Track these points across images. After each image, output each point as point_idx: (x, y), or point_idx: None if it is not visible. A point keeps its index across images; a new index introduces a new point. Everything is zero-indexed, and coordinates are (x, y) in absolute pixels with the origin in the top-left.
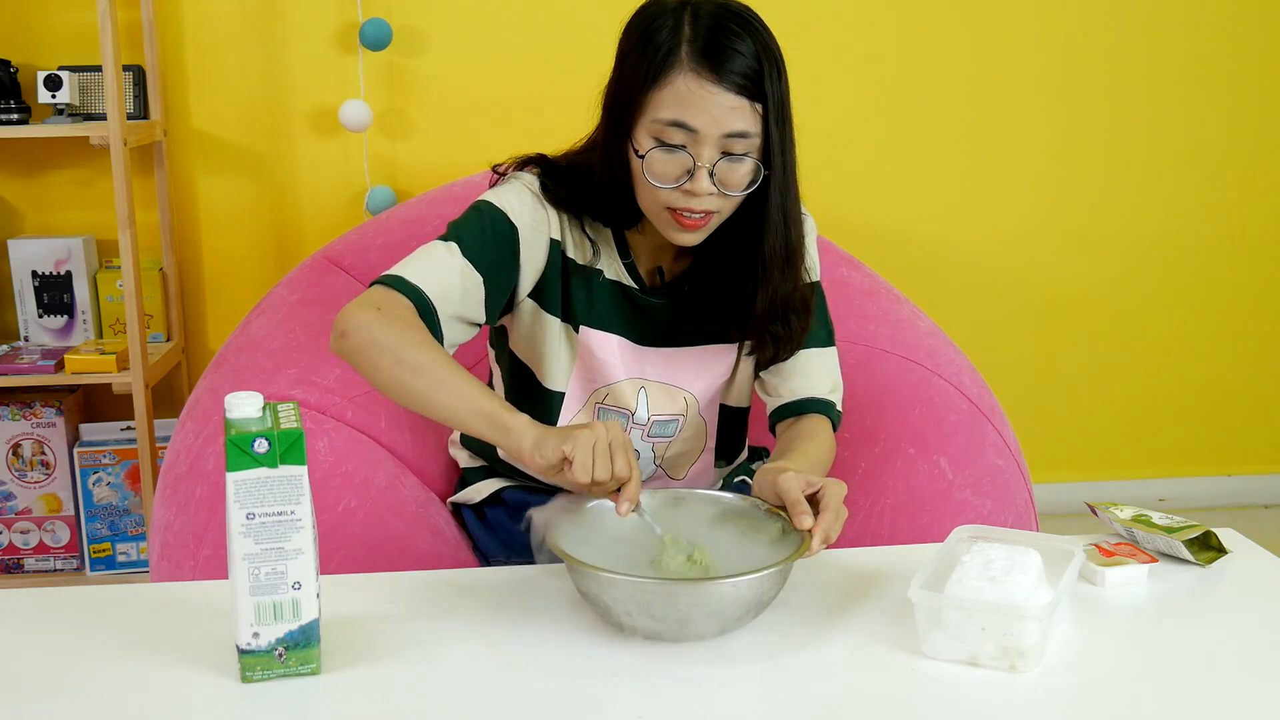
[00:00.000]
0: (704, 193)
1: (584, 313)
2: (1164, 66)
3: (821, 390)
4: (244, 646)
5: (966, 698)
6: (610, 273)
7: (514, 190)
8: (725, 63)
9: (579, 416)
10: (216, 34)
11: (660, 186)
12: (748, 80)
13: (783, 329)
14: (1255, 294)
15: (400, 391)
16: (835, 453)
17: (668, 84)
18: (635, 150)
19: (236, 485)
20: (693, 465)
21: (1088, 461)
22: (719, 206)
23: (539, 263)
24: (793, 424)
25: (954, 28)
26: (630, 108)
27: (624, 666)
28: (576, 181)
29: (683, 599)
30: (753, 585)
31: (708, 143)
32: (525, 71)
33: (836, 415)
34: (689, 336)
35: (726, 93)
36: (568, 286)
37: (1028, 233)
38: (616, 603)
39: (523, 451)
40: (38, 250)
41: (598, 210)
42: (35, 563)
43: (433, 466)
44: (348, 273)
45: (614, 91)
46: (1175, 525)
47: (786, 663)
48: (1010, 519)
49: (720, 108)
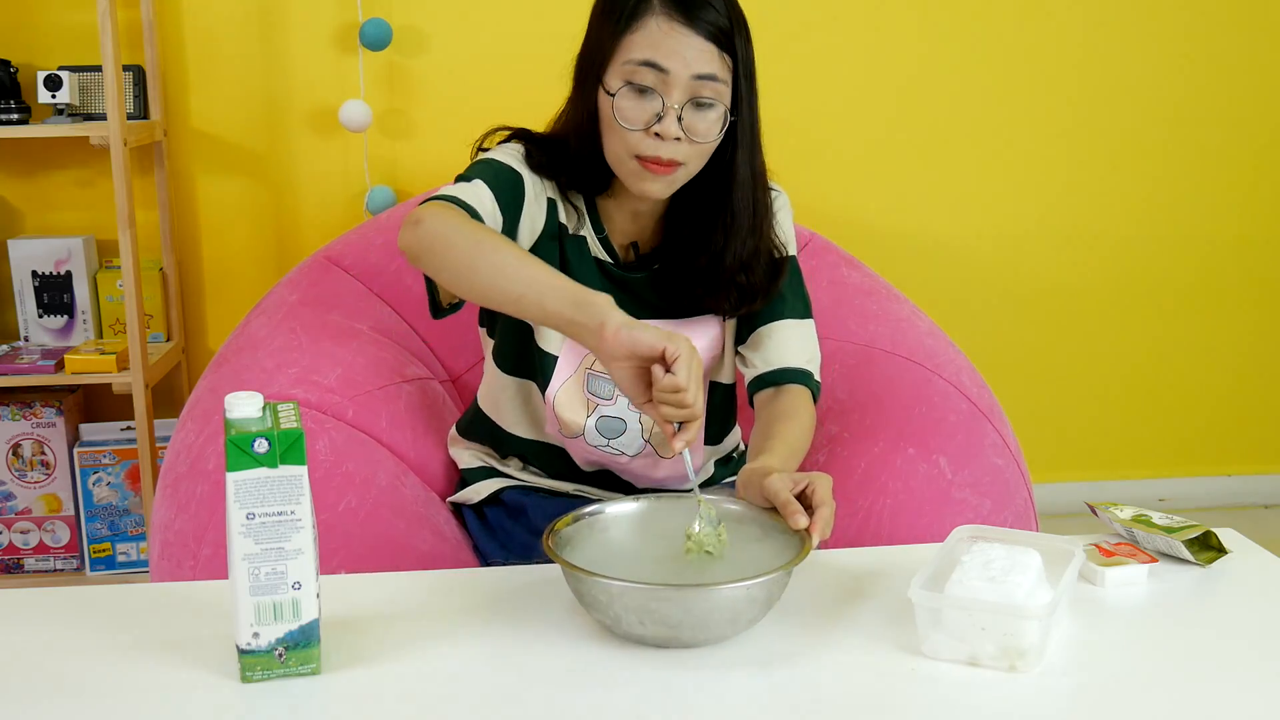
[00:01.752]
0: (671, 135)
1: (576, 276)
2: (1165, 66)
3: (799, 360)
4: (244, 646)
5: (966, 698)
6: (591, 247)
7: (506, 153)
8: (697, 10)
9: (570, 381)
10: (216, 34)
11: (629, 128)
12: (719, 31)
13: (746, 278)
14: (1255, 294)
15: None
16: (815, 426)
17: (640, 27)
18: (607, 91)
19: (236, 485)
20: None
21: (1088, 461)
22: (686, 156)
23: (539, 220)
24: (772, 396)
25: (954, 29)
26: (601, 53)
27: (623, 667)
28: (556, 150)
29: (698, 603)
30: (765, 587)
31: (677, 84)
32: (525, 71)
33: (815, 385)
34: (670, 309)
35: (697, 36)
36: (563, 247)
37: (1028, 233)
38: (627, 611)
39: (606, 327)
40: (38, 250)
41: (574, 175)
42: (35, 563)
43: (433, 466)
44: (348, 273)
45: (584, 50)
46: (1175, 525)
47: (786, 663)
48: (1010, 519)
49: (691, 49)
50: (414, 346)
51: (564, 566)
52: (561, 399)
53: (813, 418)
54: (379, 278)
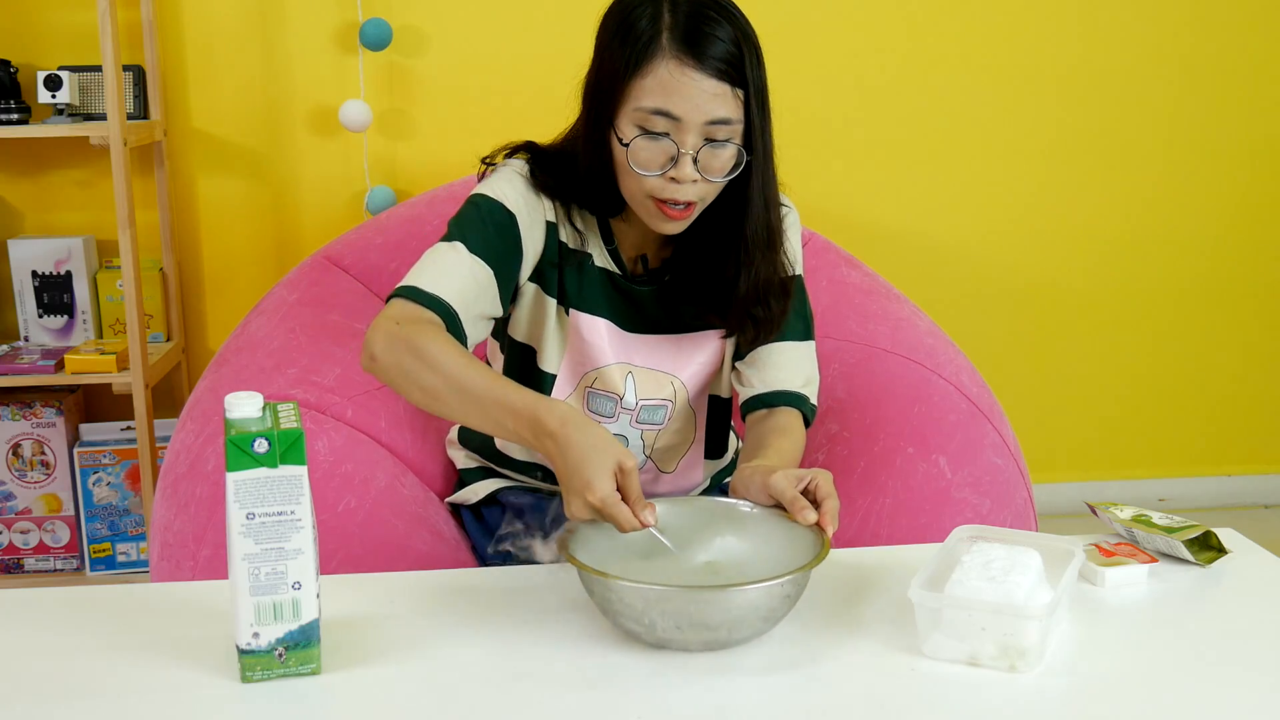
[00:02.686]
0: (688, 179)
1: (575, 296)
2: (1164, 66)
3: (795, 383)
4: (244, 646)
5: (966, 698)
6: (598, 259)
7: (506, 178)
8: (706, 49)
9: (571, 398)
10: (216, 34)
11: (645, 174)
12: (729, 66)
13: (763, 311)
14: (1256, 294)
15: (433, 409)
16: (805, 447)
17: (650, 72)
18: (619, 139)
19: (236, 485)
20: (682, 458)
21: (1088, 461)
22: (702, 194)
23: (538, 246)
24: (765, 416)
25: (953, 29)
26: (612, 96)
27: (622, 666)
28: (563, 169)
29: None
30: (795, 583)
31: (691, 130)
32: (525, 71)
33: (810, 409)
34: (675, 324)
35: (709, 79)
36: (562, 269)
37: (1028, 233)
38: (647, 615)
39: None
40: (38, 250)
41: (584, 198)
42: (35, 563)
43: (432, 466)
44: (348, 273)
45: (594, 81)
46: (1175, 525)
47: (786, 663)
48: (1010, 519)
49: (703, 94)
50: None
51: (594, 575)
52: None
53: (803, 439)
54: (379, 278)
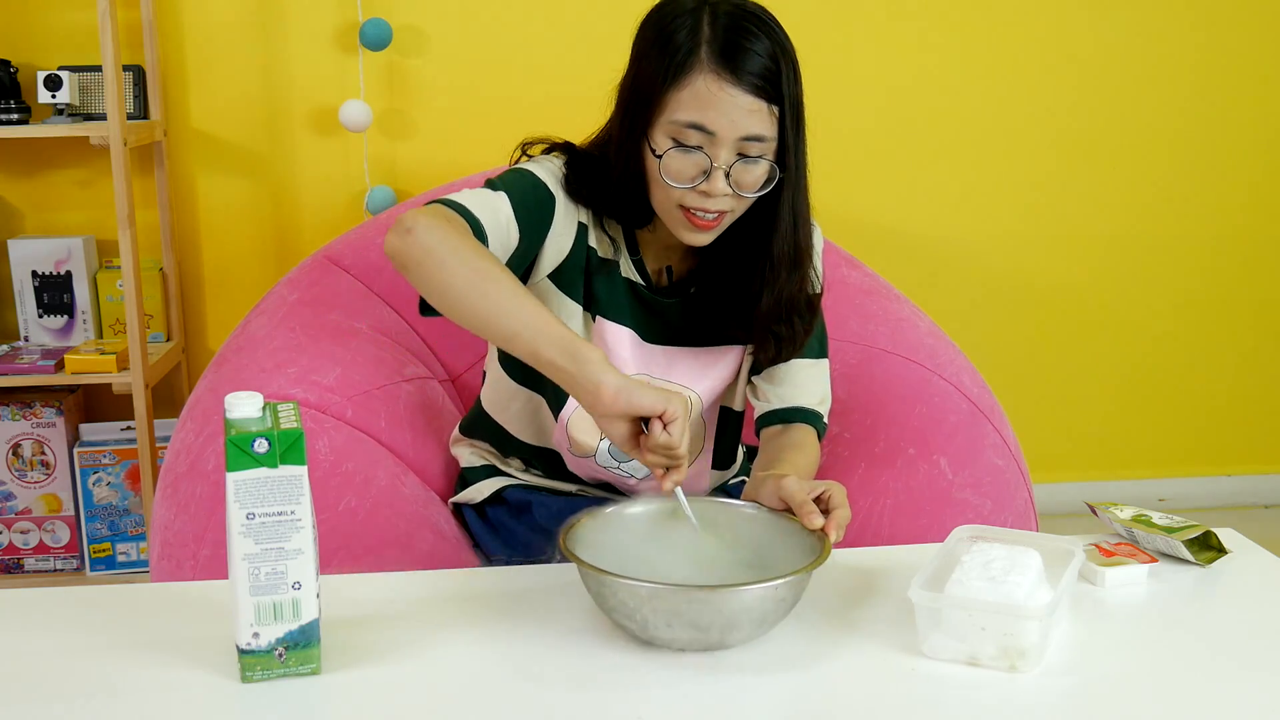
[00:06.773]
0: (719, 193)
1: (604, 302)
2: (1166, 67)
3: (811, 401)
4: (244, 646)
5: (966, 698)
6: (623, 269)
7: (548, 169)
8: (744, 64)
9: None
10: (216, 34)
11: (676, 186)
12: (765, 82)
13: (787, 330)
14: (1256, 294)
15: (464, 295)
16: (820, 464)
17: (687, 85)
18: (652, 149)
19: (236, 485)
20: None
21: (1088, 461)
22: (732, 207)
23: (565, 243)
24: (780, 432)
25: (955, 29)
26: (648, 106)
27: (624, 666)
28: (596, 176)
29: (713, 605)
30: (791, 587)
31: (725, 144)
32: (525, 72)
33: (823, 427)
34: (696, 337)
35: (745, 94)
36: (589, 274)
37: (1028, 233)
38: (640, 612)
39: (604, 388)
40: (38, 250)
41: (613, 207)
42: (35, 563)
43: (433, 466)
44: (348, 272)
45: (631, 88)
46: (1175, 525)
47: (786, 663)
48: (1010, 519)
49: (738, 110)
50: (413, 346)
51: (589, 570)
52: (576, 421)
53: (819, 456)
54: (379, 277)
